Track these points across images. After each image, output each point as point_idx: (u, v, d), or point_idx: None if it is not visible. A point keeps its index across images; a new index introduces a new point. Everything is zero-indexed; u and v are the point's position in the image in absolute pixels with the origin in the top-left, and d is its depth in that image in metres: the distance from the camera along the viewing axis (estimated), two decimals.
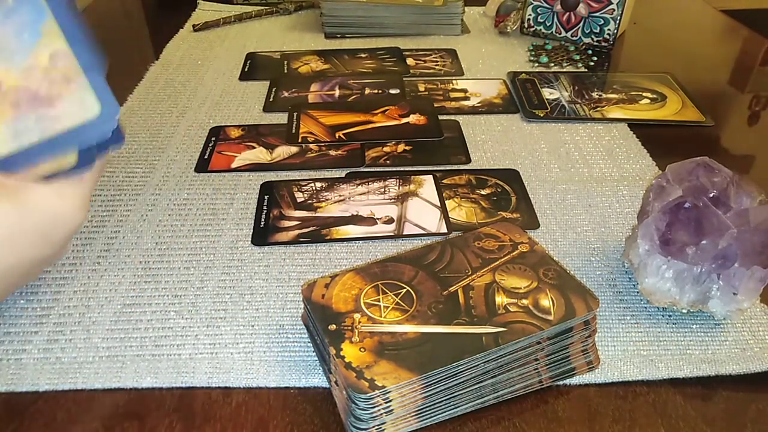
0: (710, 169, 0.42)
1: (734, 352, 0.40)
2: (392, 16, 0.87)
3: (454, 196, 0.54)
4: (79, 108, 0.31)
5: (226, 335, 0.41)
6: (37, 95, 0.30)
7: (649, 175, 0.58)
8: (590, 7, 0.82)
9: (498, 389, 0.36)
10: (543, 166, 0.59)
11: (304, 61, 0.80)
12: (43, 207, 0.32)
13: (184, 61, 0.80)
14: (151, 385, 0.38)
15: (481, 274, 0.39)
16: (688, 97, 0.72)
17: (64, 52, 0.30)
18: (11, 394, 0.37)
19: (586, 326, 0.37)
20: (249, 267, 0.47)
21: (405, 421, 0.34)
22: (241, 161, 0.59)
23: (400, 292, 0.38)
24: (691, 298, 0.41)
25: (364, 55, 0.81)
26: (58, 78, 0.30)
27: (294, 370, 0.39)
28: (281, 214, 0.52)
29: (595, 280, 0.46)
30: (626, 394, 0.38)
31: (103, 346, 0.40)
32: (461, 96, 0.72)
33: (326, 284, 0.38)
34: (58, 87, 0.30)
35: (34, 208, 0.32)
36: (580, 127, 0.66)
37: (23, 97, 0.30)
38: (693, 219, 0.39)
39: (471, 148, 0.62)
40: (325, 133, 0.63)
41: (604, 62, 0.81)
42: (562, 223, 0.52)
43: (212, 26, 0.91)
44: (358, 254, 0.48)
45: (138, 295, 0.44)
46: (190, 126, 0.65)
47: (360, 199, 0.54)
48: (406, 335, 0.35)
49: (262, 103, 0.70)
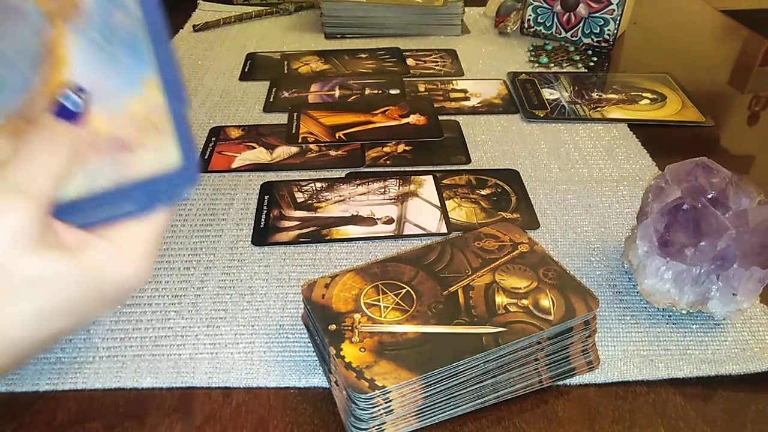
0: (709, 169, 0.42)
1: (734, 352, 0.40)
2: (392, 17, 0.87)
3: (454, 196, 0.54)
4: (161, 157, 0.30)
5: (226, 335, 0.41)
6: (122, 143, 0.29)
7: (649, 176, 0.58)
8: (590, 7, 0.82)
9: (498, 389, 0.36)
10: (543, 166, 0.59)
11: (304, 61, 0.80)
12: (103, 270, 0.29)
13: (184, 61, 0.80)
14: (151, 385, 0.38)
15: (481, 274, 0.39)
16: (688, 97, 0.72)
17: (160, 105, 0.30)
18: (11, 394, 0.37)
19: (586, 326, 0.37)
20: (249, 267, 0.47)
21: (405, 421, 0.34)
22: (241, 161, 0.59)
23: (400, 292, 0.38)
24: (690, 299, 0.41)
25: (364, 56, 0.81)
26: (149, 129, 0.30)
27: (294, 370, 0.39)
28: (281, 214, 0.52)
29: (595, 280, 0.46)
30: (626, 394, 0.38)
31: (103, 346, 0.40)
32: (461, 96, 0.72)
33: (326, 284, 0.38)
34: (144, 136, 0.30)
35: (95, 273, 0.29)
36: (580, 127, 0.66)
37: (107, 144, 0.29)
38: (691, 220, 0.39)
39: (471, 149, 0.62)
40: (325, 133, 0.63)
41: (604, 62, 0.81)
42: (562, 223, 0.52)
43: (212, 26, 0.91)
44: (358, 254, 0.48)
45: (138, 295, 0.44)
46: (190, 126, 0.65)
47: (360, 199, 0.54)
48: (406, 335, 0.35)
49: (262, 104, 0.70)
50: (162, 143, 0.30)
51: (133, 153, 0.30)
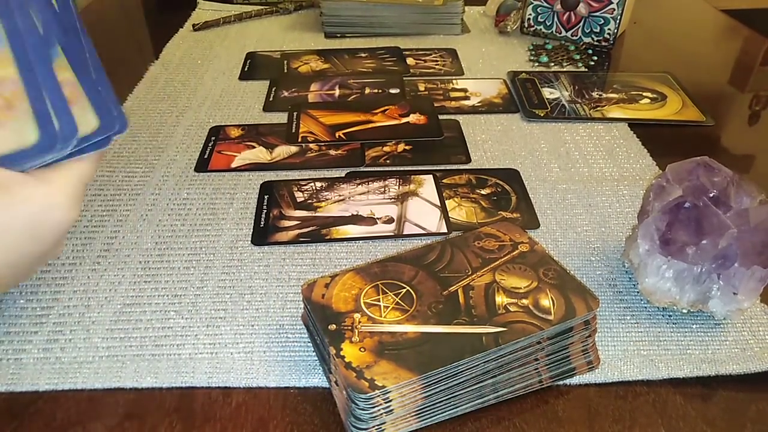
0: (710, 168, 0.42)
1: (734, 352, 0.40)
2: (392, 16, 0.87)
3: (454, 196, 0.54)
4: (15, 135, 0.31)
5: (226, 335, 0.41)
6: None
7: (649, 175, 0.58)
8: (590, 6, 0.82)
9: (498, 389, 0.36)
10: (543, 166, 0.59)
11: (304, 60, 0.80)
12: (30, 200, 0.31)
13: (184, 60, 0.80)
14: (151, 385, 0.38)
15: (481, 273, 0.39)
16: (688, 96, 0.72)
17: (12, 79, 0.31)
18: (11, 394, 0.37)
19: (586, 326, 0.37)
20: (249, 267, 0.47)
21: (405, 421, 0.34)
22: (241, 161, 0.59)
23: (400, 292, 0.38)
24: (691, 298, 0.41)
25: (365, 55, 0.81)
26: (1, 104, 0.31)
27: (294, 370, 0.39)
28: (281, 214, 0.52)
29: (595, 280, 0.46)
30: (626, 394, 0.38)
31: (103, 346, 0.40)
32: (461, 96, 0.72)
33: (326, 284, 0.38)
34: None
35: (21, 202, 0.31)
36: (580, 126, 0.66)
37: None
38: (693, 219, 0.39)
39: (471, 148, 0.62)
40: (325, 132, 0.63)
41: (604, 62, 0.81)
42: (562, 223, 0.52)
43: (212, 26, 0.90)
44: (358, 254, 0.48)
45: (138, 294, 0.44)
46: (190, 126, 0.65)
47: (360, 198, 0.54)
48: (406, 335, 0.35)
49: (262, 103, 0.70)
50: (19, 122, 0.31)
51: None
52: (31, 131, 0.31)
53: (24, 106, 0.31)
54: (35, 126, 0.31)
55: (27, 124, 0.31)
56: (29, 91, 0.31)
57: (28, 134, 0.31)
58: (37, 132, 0.31)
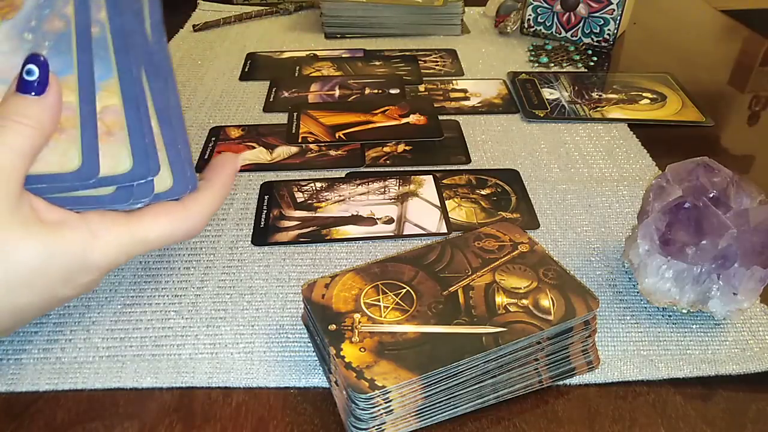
0: (710, 169, 0.42)
1: (734, 352, 0.40)
2: (392, 16, 0.87)
3: (454, 196, 0.54)
4: (111, 161, 0.32)
5: (226, 335, 0.41)
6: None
7: (649, 175, 0.58)
8: (590, 7, 0.82)
9: (498, 389, 0.36)
10: (543, 166, 0.59)
11: (317, 67, 0.79)
12: (74, 247, 0.30)
13: (184, 61, 0.80)
14: (151, 385, 0.38)
15: (481, 274, 0.39)
16: (688, 97, 0.72)
17: (116, 109, 0.32)
18: (11, 394, 0.37)
19: (586, 326, 0.37)
20: (249, 267, 0.47)
21: (405, 421, 0.34)
22: (241, 161, 0.59)
23: (400, 292, 0.38)
24: (691, 298, 0.41)
25: (378, 63, 0.80)
26: (101, 129, 0.32)
27: (294, 370, 0.39)
28: (281, 214, 0.52)
29: (595, 280, 0.46)
30: (626, 394, 0.38)
31: (103, 346, 0.40)
32: (461, 96, 0.72)
33: (326, 284, 0.38)
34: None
35: (64, 248, 0.30)
36: (580, 127, 0.66)
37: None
38: (693, 219, 0.39)
39: (471, 148, 0.62)
40: (325, 133, 0.63)
41: (604, 62, 0.81)
42: (562, 223, 0.52)
43: (212, 26, 0.91)
44: (358, 254, 0.48)
45: (138, 295, 0.44)
46: (190, 126, 0.65)
47: (360, 199, 0.54)
48: (406, 335, 0.35)
49: (262, 103, 0.70)
50: (116, 148, 0.32)
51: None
52: (125, 159, 0.32)
53: (122, 135, 0.32)
54: (129, 155, 0.32)
55: (123, 152, 0.32)
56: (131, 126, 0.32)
57: (123, 162, 0.32)
58: (131, 161, 0.32)
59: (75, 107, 0.31)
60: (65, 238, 0.30)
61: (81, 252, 0.30)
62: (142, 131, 0.32)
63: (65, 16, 0.31)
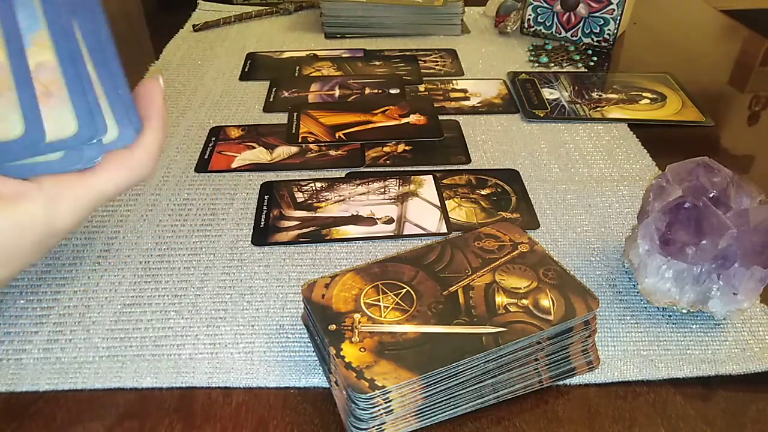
0: (710, 169, 0.42)
1: (734, 352, 0.40)
2: (392, 16, 0.87)
3: (454, 196, 0.54)
4: (55, 124, 0.30)
5: (226, 335, 0.41)
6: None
7: (649, 175, 0.58)
8: (590, 7, 0.82)
9: (498, 389, 0.36)
10: (543, 166, 0.59)
11: (317, 67, 0.79)
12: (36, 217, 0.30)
13: (184, 61, 0.80)
14: (151, 385, 0.38)
15: (481, 274, 0.39)
16: (688, 97, 0.72)
17: (51, 66, 0.29)
18: (11, 394, 0.37)
19: (586, 326, 0.37)
20: (249, 267, 0.47)
21: (405, 421, 0.34)
22: (241, 161, 0.59)
23: (400, 292, 0.38)
24: (691, 298, 0.41)
25: (378, 63, 0.80)
26: (38, 90, 0.29)
27: (294, 370, 0.39)
28: (281, 214, 0.52)
29: (595, 280, 0.46)
30: (626, 394, 0.38)
31: (103, 346, 0.40)
32: (461, 96, 0.72)
33: (326, 284, 0.38)
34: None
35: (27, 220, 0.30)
36: (580, 127, 0.66)
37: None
38: (693, 219, 0.39)
39: (471, 148, 0.62)
40: (325, 133, 0.63)
41: (604, 62, 0.81)
42: (562, 223, 0.52)
43: (212, 26, 0.91)
44: (358, 254, 0.48)
45: (138, 295, 0.44)
46: (190, 126, 0.65)
47: (360, 199, 0.54)
48: (406, 335, 0.35)
49: (262, 103, 0.70)
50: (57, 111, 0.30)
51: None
52: (70, 121, 0.30)
53: (62, 94, 0.30)
54: (73, 116, 0.30)
55: (65, 114, 0.30)
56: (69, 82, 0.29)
57: (68, 124, 0.30)
58: (76, 122, 0.30)
59: (5, 66, 0.28)
60: (26, 211, 0.30)
61: (44, 221, 0.30)
62: (83, 88, 0.30)
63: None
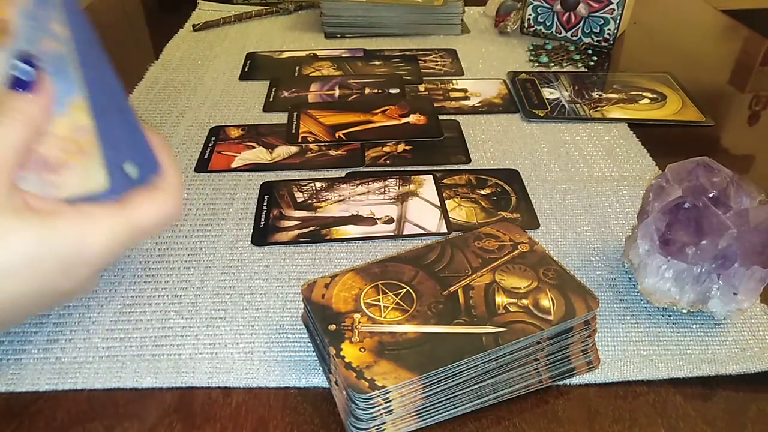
0: (710, 169, 0.42)
1: (734, 352, 0.40)
2: (392, 16, 0.87)
3: (454, 196, 0.54)
4: (85, 180, 0.31)
5: (226, 335, 0.41)
6: (47, 163, 0.30)
7: (649, 175, 0.58)
8: (590, 6, 0.82)
9: (498, 389, 0.36)
10: (543, 166, 0.59)
11: (317, 67, 0.79)
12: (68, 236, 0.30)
13: (184, 61, 0.80)
14: (151, 385, 0.38)
15: (481, 274, 0.39)
16: (688, 97, 0.72)
17: (86, 127, 0.31)
18: (11, 394, 0.37)
19: (586, 326, 0.37)
20: (249, 267, 0.47)
21: (405, 421, 0.34)
22: (241, 161, 0.59)
23: (400, 292, 0.38)
24: (691, 298, 0.41)
25: (378, 63, 0.80)
26: (73, 149, 0.31)
27: (294, 370, 0.39)
28: (281, 214, 0.52)
29: (595, 280, 0.46)
30: (626, 394, 0.38)
31: (103, 346, 0.40)
32: (461, 96, 0.72)
33: (326, 284, 0.38)
34: (70, 157, 0.31)
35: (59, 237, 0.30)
36: (580, 127, 0.66)
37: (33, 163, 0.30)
38: (693, 219, 0.39)
39: (471, 148, 0.62)
40: (325, 133, 0.63)
41: (604, 62, 0.81)
42: (562, 223, 0.52)
43: (212, 26, 0.91)
44: (358, 254, 0.48)
45: (138, 295, 0.44)
46: (190, 126, 0.65)
47: (360, 199, 0.54)
48: (406, 335, 0.35)
49: (262, 103, 0.70)
50: (89, 167, 0.31)
51: (58, 174, 0.31)
52: (101, 177, 0.31)
53: (95, 152, 0.31)
54: (105, 173, 0.31)
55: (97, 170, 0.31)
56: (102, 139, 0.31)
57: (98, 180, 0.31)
58: (108, 179, 0.31)
59: (90, 127, 0.31)
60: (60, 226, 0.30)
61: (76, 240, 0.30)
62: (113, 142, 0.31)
63: (56, 35, 0.30)
